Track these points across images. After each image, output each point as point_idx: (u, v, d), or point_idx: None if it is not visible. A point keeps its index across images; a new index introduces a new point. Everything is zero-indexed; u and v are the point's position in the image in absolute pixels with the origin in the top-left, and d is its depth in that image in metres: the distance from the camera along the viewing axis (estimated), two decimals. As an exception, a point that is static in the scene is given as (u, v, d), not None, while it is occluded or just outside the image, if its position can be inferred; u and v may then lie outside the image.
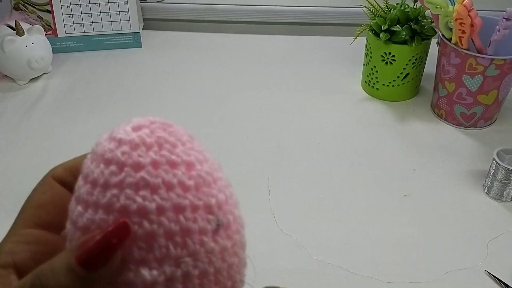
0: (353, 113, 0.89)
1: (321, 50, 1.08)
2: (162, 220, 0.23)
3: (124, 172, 0.23)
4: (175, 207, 0.23)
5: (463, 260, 0.63)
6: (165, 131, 0.25)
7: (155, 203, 0.23)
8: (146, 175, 0.23)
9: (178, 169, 0.24)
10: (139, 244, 0.22)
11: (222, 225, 0.24)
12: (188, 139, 0.25)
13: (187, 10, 1.15)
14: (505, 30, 0.75)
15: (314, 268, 0.62)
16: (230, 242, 0.24)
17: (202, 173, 0.24)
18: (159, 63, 1.03)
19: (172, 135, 0.25)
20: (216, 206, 0.24)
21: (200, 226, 0.23)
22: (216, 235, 0.24)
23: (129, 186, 0.23)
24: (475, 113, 0.83)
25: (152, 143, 0.24)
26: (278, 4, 1.13)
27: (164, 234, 0.23)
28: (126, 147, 0.23)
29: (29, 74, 0.95)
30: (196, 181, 0.24)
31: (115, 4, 1.04)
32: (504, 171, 0.68)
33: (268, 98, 0.93)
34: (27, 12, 1.04)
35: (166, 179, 0.23)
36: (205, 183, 0.24)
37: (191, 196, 0.23)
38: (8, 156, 0.80)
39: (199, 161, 0.25)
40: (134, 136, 0.24)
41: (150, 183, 0.23)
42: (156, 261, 0.22)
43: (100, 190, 0.23)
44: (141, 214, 0.22)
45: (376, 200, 0.72)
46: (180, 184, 0.23)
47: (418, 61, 0.88)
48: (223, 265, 0.24)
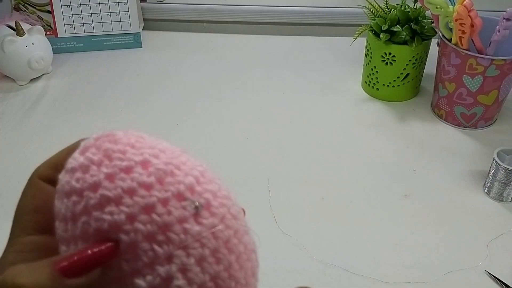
0: (353, 114, 0.89)
1: (321, 51, 1.08)
2: (137, 226, 0.22)
3: (84, 197, 0.23)
4: (144, 209, 0.23)
5: (463, 260, 0.63)
6: (110, 142, 0.24)
7: (123, 214, 0.22)
8: (105, 191, 0.23)
9: (134, 172, 0.23)
10: (125, 257, 0.22)
11: (201, 206, 0.23)
12: (138, 139, 0.25)
13: (187, 11, 1.15)
14: (505, 30, 0.75)
15: (314, 269, 0.62)
16: (217, 217, 0.24)
17: (161, 165, 0.24)
18: (159, 64, 1.03)
19: (119, 142, 0.24)
20: (187, 190, 0.24)
21: (177, 216, 0.23)
22: (199, 217, 0.23)
23: (94, 208, 0.23)
24: (475, 114, 0.83)
25: (101, 159, 0.24)
26: (278, 4, 1.13)
27: (145, 238, 0.22)
28: (79, 173, 0.23)
29: (29, 74, 0.95)
30: (157, 176, 0.23)
31: (115, 4, 1.04)
32: (504, 171, 0.68)
33: (268, 98, 0.93)
34: (28, 12, 1.04)
35: (125, 186, 0.23)
36: (167, 174, 0.24)
37: (156, 192, 0.23)
38: (8, 156, 0.80)
39: (154, 156, 0.24)
40: (82, 159, 0.24)
41: (111, 197, 0.23)
42: (147, 266, 0.22)
43: (71, 223, 0.23)
44: (115, 229, 0.22)
45: (376, 200, 0.72)
46: (141, 185, 0.23)
47: (418, 61, 0.88)
48: (218, 243, 0.23)
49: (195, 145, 0.81)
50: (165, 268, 0.22)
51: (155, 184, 0.23)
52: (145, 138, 0.25)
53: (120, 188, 0.23)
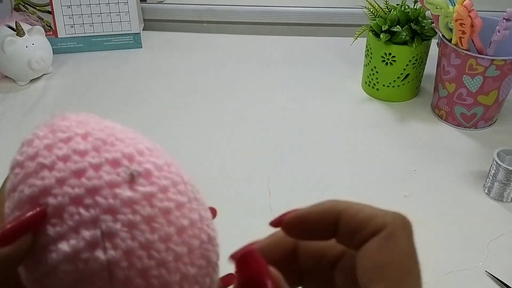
0: (354, 114, 0.89)
1: (322, 51, 1.08)
2: (65, 189, 0.22)
3: (24, 168, 0.23)
4: (75, 173, 0.22)
5: (463, 260, 0.63)
6: (59, 120, 0.25)
7: (54, 178, 0.22)
8: (41, 159, 0.23)
9: (72, 142, 0.23)
10: (52, 221, 0.22)
11: (138, 174, 0.23)
12: (84, 118, 0.25)
13: (187, 11, 1.15)
14: (505, 30, 0.75)
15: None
16: (156, 187, 0.23)
17: (101, 135, 0.24)
18: (159, 64, 1.03)
19: (66, 120, 0.25)
20: (124, 158, 0.23)
21: (107, 180, 0.22)
22: (134, 184, 0.23)
23: (29, 176, 0.23)
24: (475, 114, 0.83)
25: (46, 133, 0.24)
26: (278, 5, 1.13)
27: (71, 201, 0.22)
28: (24, 148, 0.24)
29: (29, 74, 0.95)
30: (94, 144, 0.23)
31: (115, 5, 1.04)
32: (504, 171, 0.68)
33: (269, 99, 0.93)
34: (28, 12, 1.04)
35: (60, 154, 0.23)
36: (106, 143, 0.24)
37: (89, 158, 0.23)
38: (8, 156, 0.79)
39: (98, 129, 0.24)
40: (30, 136, 0.25)
41: (46, 164, 0.23)
42: (72, 230, 0.22)
43: (12, 195, 0.23)
44: (44, 193, 0.22)
45: (376, 200, 0.71)
46: (75, 152, 0.23)
47: (418, 61, 0.88)
48: (154, 211, 0.23)
49: (195, 145, 0.81)
50: (90, 232, 0.22)
51: (90, 151, 0.23)
52: (95, 118, 0.25)
53: (55, 155, 0.23)
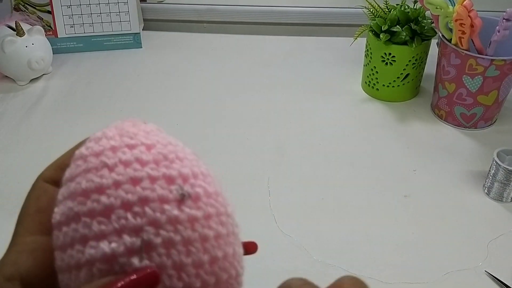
0: (353, 114, 0.89)
1: (321, 51, 1.08)
2: (119, 192, 0.23)
3: (86, 162, 0.24)
4: (132, 180, 0.23)
5: (463, 260, 0.63)
6: (129, 125, 0.26)
7: (111, 179, 0.23)
8: (104, 158, 0.24)
9: (136, 149, 0.24)
10: (98, 219, 0.22)
11: (188, 195, 0.24)
12: (152, 130, 0.26)
13: (187, 11, 1.15)
14: (505, 30, 0.75)
15: (314, 269, 0.62)
16: (201, 212, 0.24)
17: (164, 151, 0.25)
18: (159, 64, 1.03)
19: (136, 126, 0.26)
20: (180, 178, 0.24)
21: (160, 194, 0.23)
22: (182, 205, 0.23)
23: (90, 171, 0.24)
24: (475, 114, 0.83)
25: (114, 135, 0.25)
26: (278, 4, 1.13)
27: (122, 205, 0.23)
28: (91, 143, 0.25)
29: (29, 74, 0.95)
30: (155, 157, 0.24)
31: (115, 4, 1.04)
32: (504, 171, 0.68)
33: (268, 99, 0.93)
34: (28, 12, 1.04)
35: (122, 158, 0.24)
36: (166, 159, 0.24)
37: (148, 169, 0.24)
38: (8, 156, 0.80)
39: (162, 144, 0.25)
40: (99, 133, 0.25)
41: (108, 163, 0.23)
42: (115, 233, 0.22)
43: (68, 184, 0.24)
44: (99, 191, 0.23)
45: (376, 200, 0.72)
46: (137, 160, 0.24)
47: (418, 61, 0.88)
48: (194, 235, 0.23)
49: (195, 145, 0.81)
50: (132, 239, 0.22)
51: (150, 163, 0.24)
52: (163, 133, 0.26)
53: (118, 158, 0.24)
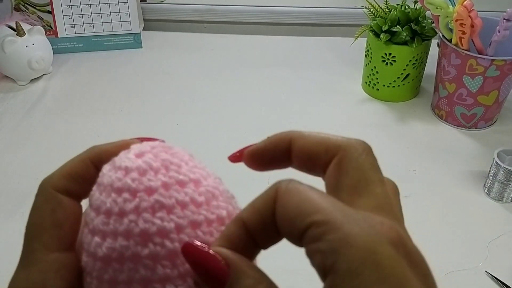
0: (354, 114, 0.89)
1: (322, 51, 1.08)
2: (182, 237, 0.23)
3: (137, 198, 0.24)
4: (192, 224, 0.24)
5: (463, 261, 0.63)
6: (167, 153, 0.25)
7: (173, 223, 0.23)
8: (160, 197, 0.24)
9: (187, 187, 0.25)
10: (163, 263, 0.23)
11: None
12: (190, 159, 0.26)
13: (187, 11, 1.15)
14: (505, 31, 0.75)
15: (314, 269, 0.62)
16: None
17: (209, 188, 0.25)
18: (159, 64, 1.03)
19: (175, 156, 0.26)
20: (227, 217, 0.25)
21: (216, 238, 0.24)
22: None
23: (145, 210, 0.23)
24: (475, 114, 0.83)
25: (159, 167, 0.25)
26: (278, 5, 1.13)
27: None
28: (135, 174, 0.24)
29: (29, 74, 0.95)
30: (206, 196, 0.25)
31: (115, 4, 1.04)
32: (504, 172, 0.68)
33: (269, 99, 0.93)
34: (28, 12, 1.04)
35: (179, 198, 0.24)
36: (213, 197, 0.25)
37: (204, 211, 0.24)
38: (8, 156, 0.80)
39: (204, 178, 0.26)
40: (140, 162, 0.25)
41: (165, 204, 0.24)
42: (180, 277, 0.23)
43: (116, 218, 0.23)
44: (161, 234, 0.23)
45: (376, 200, 0.72)
46: (192, 201, 0.24)
47: (418, 62, 0.88)
48: None
49: (195, 145, 0.81)
50: (193, 280, 0.23)
51: (204, 204, 0.25)
52: (194, 159, 0.27)
53: (174, 198, 0.24)
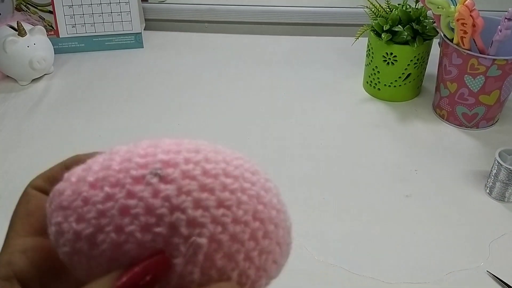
0: (355, 114, 0.89)
1: (323, 51, 1.08)
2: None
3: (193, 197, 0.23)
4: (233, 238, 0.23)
5: (465, 260, 0.63)
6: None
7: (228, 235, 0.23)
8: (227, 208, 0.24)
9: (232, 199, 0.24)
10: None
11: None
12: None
13: (188, 11, 1.15)
14: (507, 30, 0.75)
15: (315, 269, 0.62)
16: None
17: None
18: (160, 64, 1.03)
19: (208, 162, 0.25)
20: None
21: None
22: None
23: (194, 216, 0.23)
24: (477, 114, 0.83)
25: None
26: (279, 4, 1.13)
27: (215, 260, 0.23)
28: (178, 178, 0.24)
29: (31, 74, 0.96)
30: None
31: (116, 4, 1.04)
32: (506, 171, 0.68)
33: (270, 99, 0.93)
34: (29, 12, 1.04)
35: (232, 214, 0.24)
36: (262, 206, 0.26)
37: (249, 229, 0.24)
38: (10, 156, 0.80)
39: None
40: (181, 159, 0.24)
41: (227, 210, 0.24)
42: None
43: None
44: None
45: (377, 200, 0.72)
46: (235, 220, 0.24)
47: (419, 61, 0.88)
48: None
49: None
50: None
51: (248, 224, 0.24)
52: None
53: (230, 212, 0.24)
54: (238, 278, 0.23)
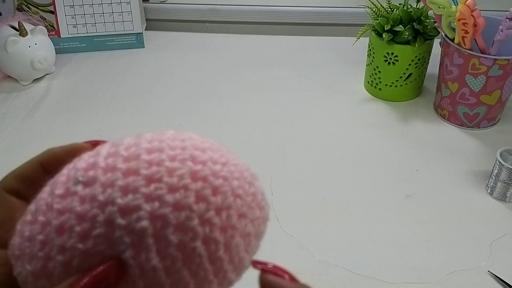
0: (356, 114, 0.89)
1: (324, 51, 1.08)
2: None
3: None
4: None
5: (466, 260, 0.63)
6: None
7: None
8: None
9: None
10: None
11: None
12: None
13: (189, 11, 1.15)
14: (508, 30, 0.75)
15: (316, 269, 0.62)
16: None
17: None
18: (161, 64, 1.03)
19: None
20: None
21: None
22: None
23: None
24: (478, 114, 0.83)
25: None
26: (280, 4, 1.13)
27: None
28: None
29: (32, 74, 0.96)
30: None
31: (117, 4, 1.04)
32: (507, 171, 0.68)
33: (271, 99, 0.93)
34: (30, 12, 1.04)
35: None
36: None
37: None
38: (11, 156, 0.80)
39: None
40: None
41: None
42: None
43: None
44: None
45: (378, 200, 0.72)
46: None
47: (421, 61, 0.87)
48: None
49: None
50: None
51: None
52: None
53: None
54: (205, 246, 0.21)
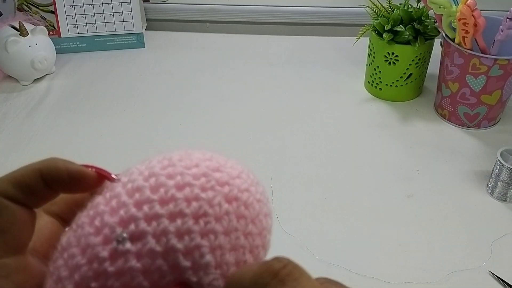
0: (356, 114, 0.89)
1: (324, 51, 1.08)
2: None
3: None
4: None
5: (466, 260, 0.63)
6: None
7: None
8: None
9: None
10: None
11: None
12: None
13: (190, 11, 1.15)
14: (508, 30, 0.75)
15: (317, 269, 0.62)
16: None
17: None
18: (162, 64, 1.03)
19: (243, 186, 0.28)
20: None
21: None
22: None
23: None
24: (478, 113, 0.83)
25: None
26: (281, 4, 1.13)
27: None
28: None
29: (32, 74, 0.96)
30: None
31: (118, 4, 1.04)
32: (507, 171, 0.68)
33: (271, 98, 0.93)
34: (31, 12, 1.04)
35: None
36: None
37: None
38: (11, 156, 0.80)
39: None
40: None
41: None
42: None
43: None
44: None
45: (379, 200, 0.72)
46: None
47: (421, 61, 0.87)
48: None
49: (197, 145, 0.81)
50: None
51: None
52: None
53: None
54: (252, 255, 0.25)
